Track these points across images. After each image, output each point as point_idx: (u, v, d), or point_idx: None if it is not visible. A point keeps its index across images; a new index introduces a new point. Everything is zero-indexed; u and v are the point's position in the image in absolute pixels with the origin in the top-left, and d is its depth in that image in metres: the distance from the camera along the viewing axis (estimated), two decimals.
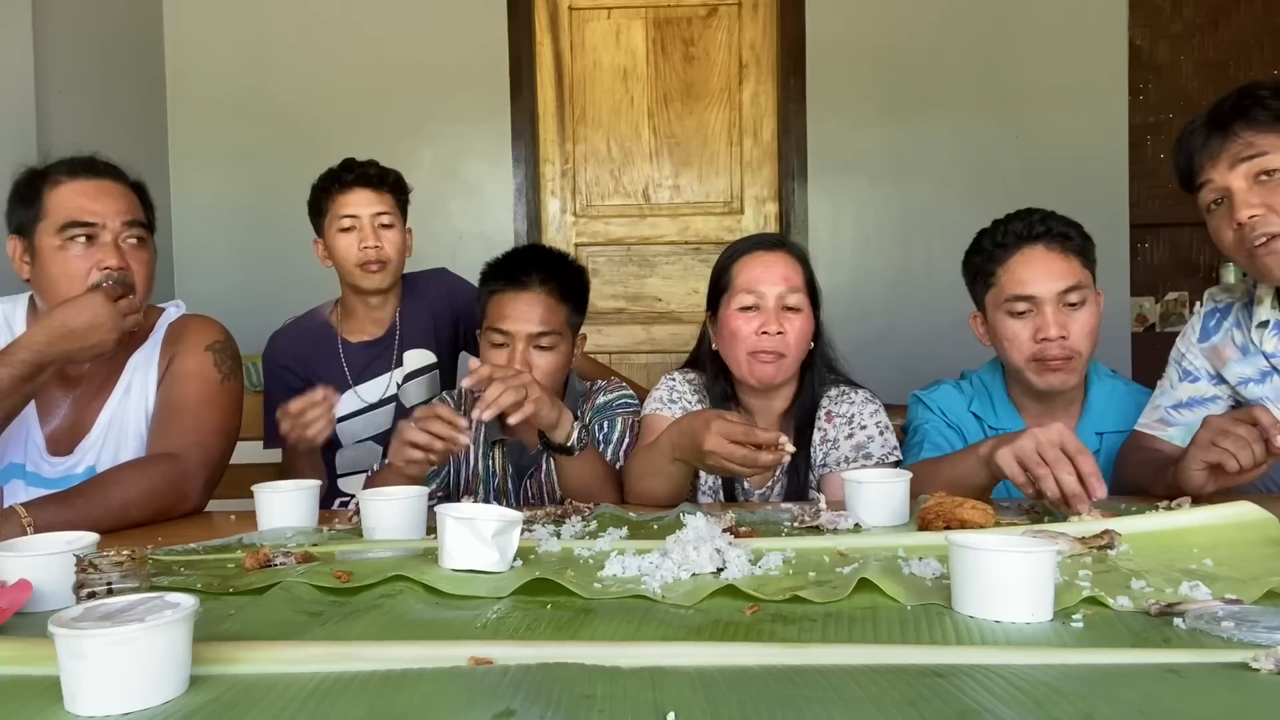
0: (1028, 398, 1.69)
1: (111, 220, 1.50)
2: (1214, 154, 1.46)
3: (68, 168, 1.53)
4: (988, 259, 1.65)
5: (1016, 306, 1.60)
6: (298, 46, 3.49)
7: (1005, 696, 0.66)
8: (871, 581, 0.92)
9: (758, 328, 1.59)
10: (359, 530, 1.29)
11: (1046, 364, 1.59)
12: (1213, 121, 1.47)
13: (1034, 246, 1.61)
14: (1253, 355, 1.53)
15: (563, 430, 1.52)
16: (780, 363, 1.60)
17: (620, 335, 3.60)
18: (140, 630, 0.67)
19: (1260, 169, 1.42)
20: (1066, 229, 1.63)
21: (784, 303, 1.61)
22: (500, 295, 1.69)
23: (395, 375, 2.10)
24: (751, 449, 1.32)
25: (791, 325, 1.61)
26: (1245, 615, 0.81)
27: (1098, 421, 1.68)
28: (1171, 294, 3.86)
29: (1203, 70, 3.84)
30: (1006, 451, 1.26)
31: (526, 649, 0.77)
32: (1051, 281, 1.59)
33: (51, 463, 1.54)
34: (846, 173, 3.48)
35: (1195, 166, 1.50)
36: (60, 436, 1.56)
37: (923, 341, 3.35)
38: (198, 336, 1.62)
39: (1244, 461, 1.28)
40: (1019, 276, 1.60)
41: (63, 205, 1.50)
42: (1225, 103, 1.47)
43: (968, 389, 1.77)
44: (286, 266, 3.32)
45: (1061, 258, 1.60)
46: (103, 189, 1.52)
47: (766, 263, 1.63)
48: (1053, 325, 1.57)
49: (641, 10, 3.55)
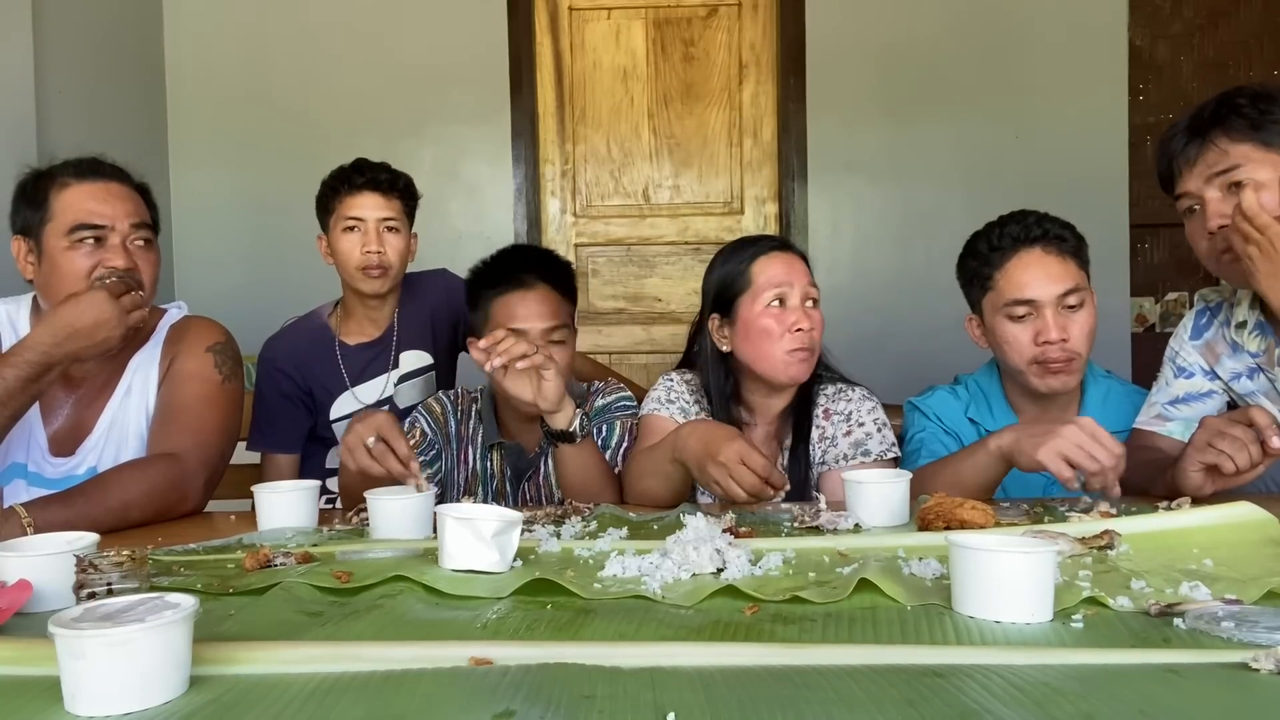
0: (1025, 400, 1.69)
1: (120, 222, 1.51)
2: (1190, 161, 1.49)
3: (75, 169, 1.54)
4: (984, 263, 1.65)
5: (1016, 311, 1.60)
6: (298, 47, 3.48)
7: (1005, 697, 0.66)
8: (871, 582, 0.92)
9: (791, 324, 1.60)
10: (359, 530, 1.29)
11: (1048, 367, 1.59)
12: (1192, 128, 1.49)
13: (1031, 249, 1.61)
14: (1239, 353, 1.56)
15: (565, 415, 1.52)
16: (811, 358, 1.62)
17: (620, 335, 3.60)
18: (140, 630, 0.67)
19: (1232, 181, 1.45)
20: (1062, 231, 1.63)
21: (809, 297, 1.62)
22: (506, 297, 1.69)
23: (391, 376, 2.10)
24: (760, 482, 1.32)
25: (815, 320, 1.62)
26: (1245, 615, 0.81)
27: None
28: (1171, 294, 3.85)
29: (1203, 70, 3.84)
30: (1051, 451, 1.28)
31: (526, 649, 0.77)
32: (1051, 284, 1.59)
33: (54, 463, 1.54)
34: (846, 173, 3.48)
35: (1174, 172, 1.52)
36: (62, 437, 1.56)
37: (922, 342, 3.35)
38: (199, 338, 1.62)
39: (1240, 463, 1.28)
40: (1017, 280, 1.60)
41: (71, 207, 1.50)
42: (1205, 109, 1.49)
43: (963, 394, 1.77)
44: (287, 267, 3.32)
45: (1059, 260, 1.60)
46: (110, 191, 1.53)
47: (787, 261, 1.64)
48: (1053, 328, 1.57)
49: (641, 10, 3.55)
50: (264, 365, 2.10)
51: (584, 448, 1.55)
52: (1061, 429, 1.28)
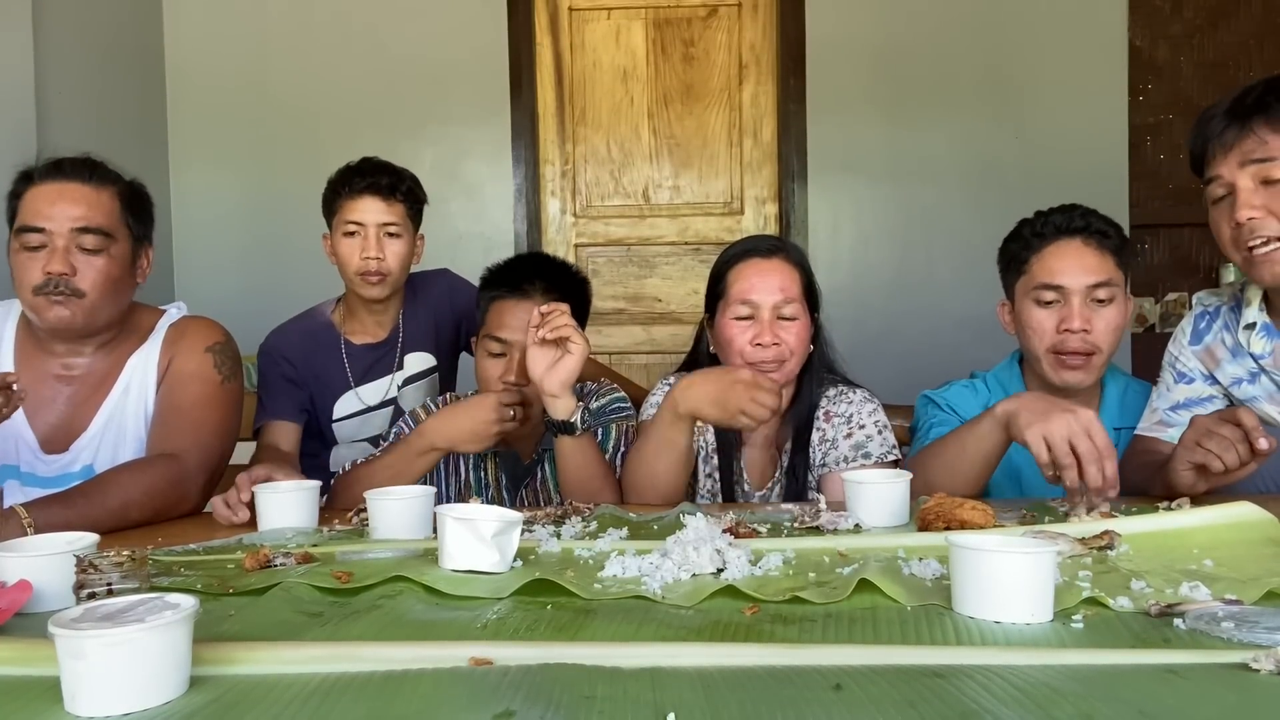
0: (1046, 392, 1.68)
1: (61, 226, 1.48)
2: (1226, 147, 1.44)
3: (44, 169, 1.52)
4: (1024, 246, 1.66)
5: (1044, 295, 1.61)
6: (298, 47, 3.48)
7: (1005, 697, 0.66)
8: (871, 582, 0.92)
9: (752, 338, 1.59)
10: (359, 530, 1.29)
11: (1065, 360, 1.59)
12: (1234, 111, 1.44)
13: (1071, 240, 1.62)
14: (1242, 356, 1.54)
15: (565, 405, 1.53)
16: (780, 369, 1.60)
17: (620, 336, 3.60)
18: (140, 631, 0.67)
19: (1268, 174, 1.41)
20: (1106, 227, 1.63)
21: (779, 313, 1.60)
22: (501, 303, 1.67)
23: (396, 378, 2.10)
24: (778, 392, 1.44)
25: (787, 334, 1.60)
26: (1245, 616, 0.81)
27: (1115, 418, 1.69)
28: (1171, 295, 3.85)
29: (1202, 71, 3.84)
30: (1037, 431, 1.27)
31: (527, 649, 0.77)
32: (1082, 274, 1.59)
33: (46, 461, 1.54)
34: (846, 173, 3.48)
35: (1208, 155, 1.47)
36: (55, 434, 1.55)
37: (922, 342, 3.35)
38: (198, 338, 1.62)
39: (1228, 462, 1.28)
40: (1050, 266, 1.61)
41: (25, 208, 1.50)
42: (1250, 94, 1.44)
43: (982, 389, 1.76)
44: (287, 267, 3.32)
45: (1096, 253, 1.61)
46: (64, 193, 1.49)
47: (762, 271, 1.62)
48: (1077, 317, 1.58)
49: (641, 11, 3.55)
50: (266, 355, 2.06)
51: (584, 442, 1.55)
52: (1056, 415, 1.27)
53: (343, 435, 2.08)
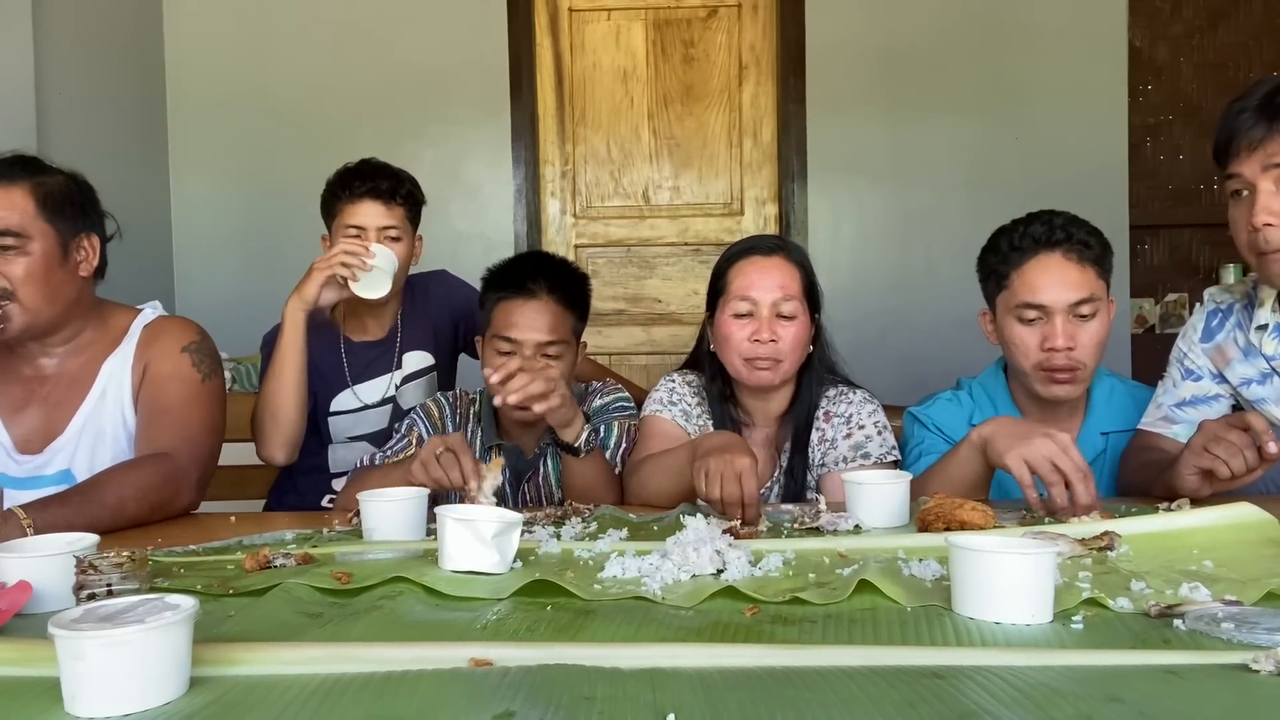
0: (1031, 402, 1.67)
1: None
2: (1252, 144, 1.40)
3: None
4: (1002, 260, 1.62)
5: (1027, 314, 1.58)
6: (298, 48, 3.49)
7: (1005, 698, 0.66)
8: (871, 583, 0.92)
9: (750, 335, 1.59)
10: (359, 531, 1.28)
11: (1052, 375, 1.57)
12: (1264, 107, 1.40)
13: (1051, 254, 1.57)
14: (1254, 357, 1.53)
15: (574, 430, 1.53)
16: (776, 368, 1.60)
17: (620, 336, 3.60)
18: (140, 632, 0.67)
19: None
20: (1086, 237, 1.59)
21: (778, 310, 1.60)
22: (507, 303, 1.67)
23: (394, 377, 2.10)
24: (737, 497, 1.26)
25: (785, 332, 1.60)
26: (1245, 617, 0.81)
27: (1102, 422, 1.67)
28: (1171, 295, 3.86)
29: (1202, 72, 3.85)
30: (1017, 455, 1.26)
31: (526, 650, 0.77)
32: (1065, 292, 1.55)
33: (19, 460, 1.53)
34: (846, 174, 3.48)
35: (1232, 149, 1.43)
36: (32, 435, 1.54)
37: (923, 343, 3.35)
38: (172, 339, 1.60)
39: (1235, 468, 1.27)
40: (1032, 283, 1.57)
41: None
42: None
43: (966, 400, 1.73)
44: (286, 267, 3.30)
45: (1078, 268, 1.57)
46: None
47: (763, 269, 1.62)
48: (1061, 336, 1.54)
49: (641, 11, 3.55)
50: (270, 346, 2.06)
51: (590, 460, 1.56)
52: (1034, 438, 1.27)
53: (336, 431, 2.08)
